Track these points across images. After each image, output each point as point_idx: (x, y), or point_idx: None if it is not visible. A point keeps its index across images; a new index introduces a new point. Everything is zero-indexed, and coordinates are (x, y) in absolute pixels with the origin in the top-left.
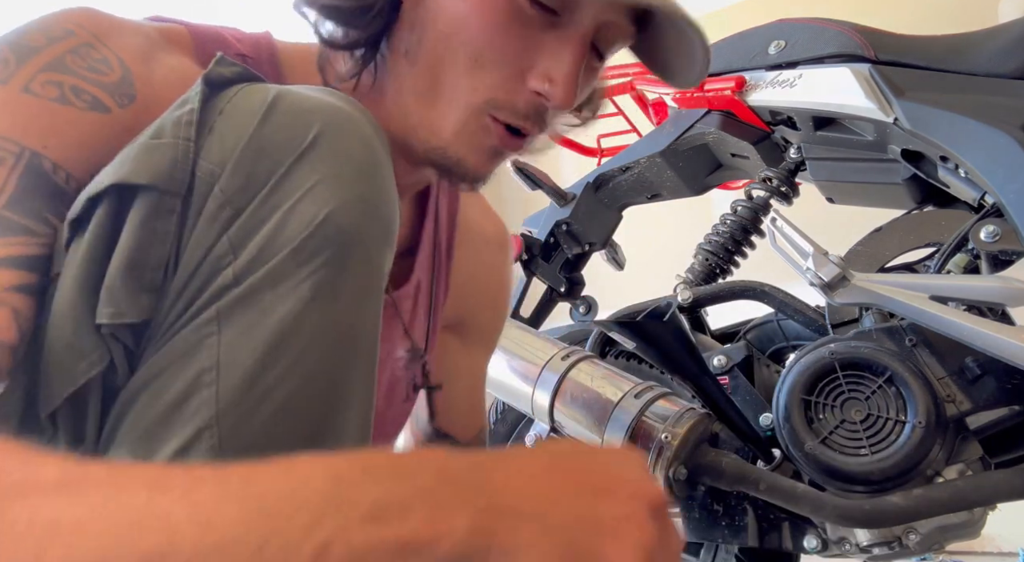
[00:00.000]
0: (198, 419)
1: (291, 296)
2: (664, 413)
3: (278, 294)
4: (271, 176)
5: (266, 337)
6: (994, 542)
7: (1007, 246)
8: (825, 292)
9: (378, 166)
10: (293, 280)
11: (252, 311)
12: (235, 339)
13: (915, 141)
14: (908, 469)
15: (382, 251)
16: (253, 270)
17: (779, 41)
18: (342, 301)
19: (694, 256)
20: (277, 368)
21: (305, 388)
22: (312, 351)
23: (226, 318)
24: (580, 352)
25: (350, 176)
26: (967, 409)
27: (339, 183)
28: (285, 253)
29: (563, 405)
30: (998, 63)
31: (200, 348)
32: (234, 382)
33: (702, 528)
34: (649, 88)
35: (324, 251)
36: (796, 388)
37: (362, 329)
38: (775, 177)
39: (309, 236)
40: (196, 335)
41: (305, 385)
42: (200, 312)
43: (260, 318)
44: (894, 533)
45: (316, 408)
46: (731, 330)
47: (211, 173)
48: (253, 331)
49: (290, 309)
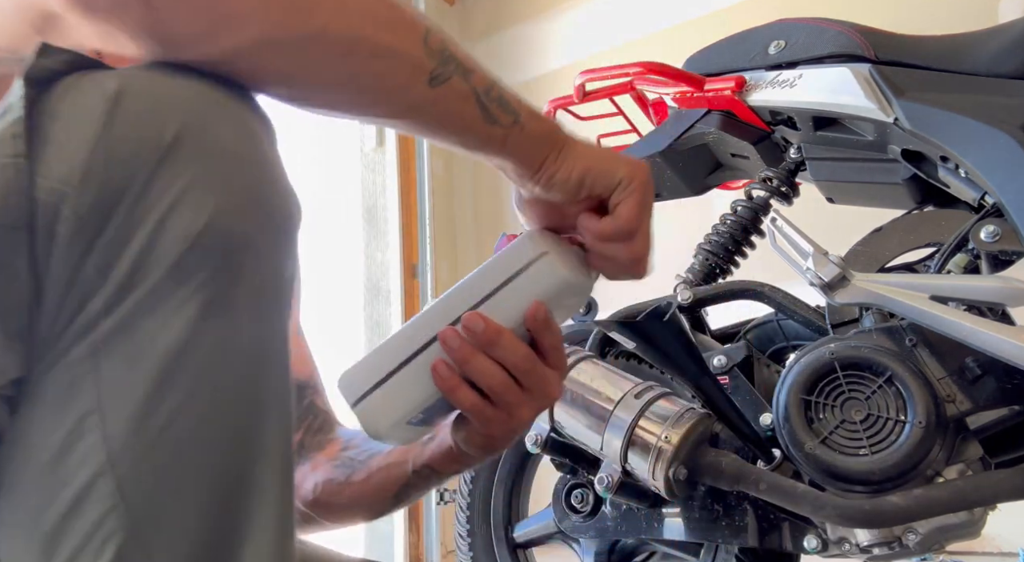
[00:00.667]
0: (88, 468)
1: (176, 319)
2: (664, 413)
3: (160, 319)
4: (130, 186)
5: (152, 368)
6: (994, 542)
7: (1007, 246)
8: (825, 292)
9: (261, 154)
10: (175, 301)
11: (132, 342)
12: (116, 375)
13: (915, 141)
14: (908, 469)
15: (281, 249)
16: (126, 296)
17: (779, 41)
18: (239, 314)
19: (694, 256)
20: (172, 399)
21: (211, 414)
22: (211, 374)
23: (103, 354)
24: (580, 352)
25: (228, 171)
26: (967, 409)
27: (216, 182)
28: (162, 272)
29: (563, 405)
30: (998, 63)
31: (77, 390)
32: (122, 422)
33: (702, 528)
34: (649, 88)
35: (209, 263)
36: (796, 388)
37: (268, 340)
38: (775, 177)
39: (189, 249)
40: (69, 376)
41: (211, 411)
42: (70, 350)
43: (142, 348)
44: (894, 533)
45: (228, 432)
46: (731, 330)
47: (54, 193)
48: (136, 364)
49: (177, 334)
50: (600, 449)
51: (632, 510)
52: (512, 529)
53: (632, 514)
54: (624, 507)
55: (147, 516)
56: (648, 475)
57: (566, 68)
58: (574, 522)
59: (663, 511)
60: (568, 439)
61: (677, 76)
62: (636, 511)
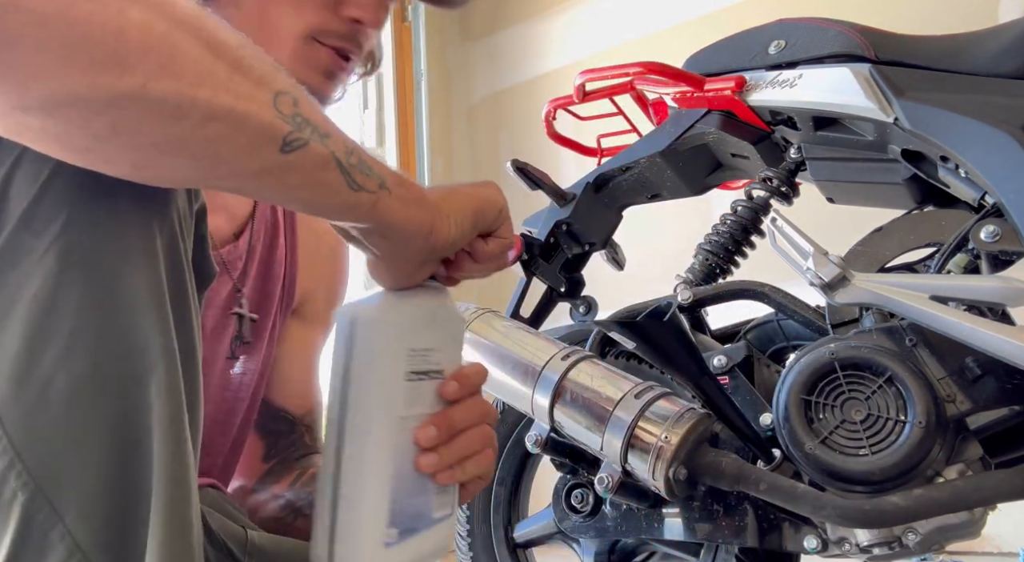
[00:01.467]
0: None
1: (37, 271)
2: (664, 413)
3: (21, 272)
4: None
5: (24, 323)
6: (994, 542)
7: (1007, 246)
8: (825, 292)
9: None
10: (35, 253)
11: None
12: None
13: (915, 141)
14: (908, 469)
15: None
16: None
17: (779, 41)
18: (101, 265)
19: (694, 256)
20: (50, 353)
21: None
22: (84, 327)
23: None
24: (580, 352)
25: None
26: (967, 409)
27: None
28: (14, 224)
29: (563, 405)
30: (998, 63)
31: None
32: (4, 377)
33: (702, 528)
34: (649, 88)
35: (60, 212)
36: (796, 388)
37: (136, 289)
38: (775, 177)
39: (35, 199)
40: None
41: (89, 363)
42: None
43: (11, 303)
44: (894, 533)
45: (113, 383)
46: (731, 330)
47: None
48: (7, 319)
49: (40, 287)
50: (600, 449)
51: (632, 510)
52: (512, 529)
53: (632, 514)
54: (624, 507)
55: (48, 472)
56: (648, 475)
57: (566, 68)
58: (574, 522)
59: (663, 511)
60: (568, 439)
61: (677, 76)
62: (636, 511)
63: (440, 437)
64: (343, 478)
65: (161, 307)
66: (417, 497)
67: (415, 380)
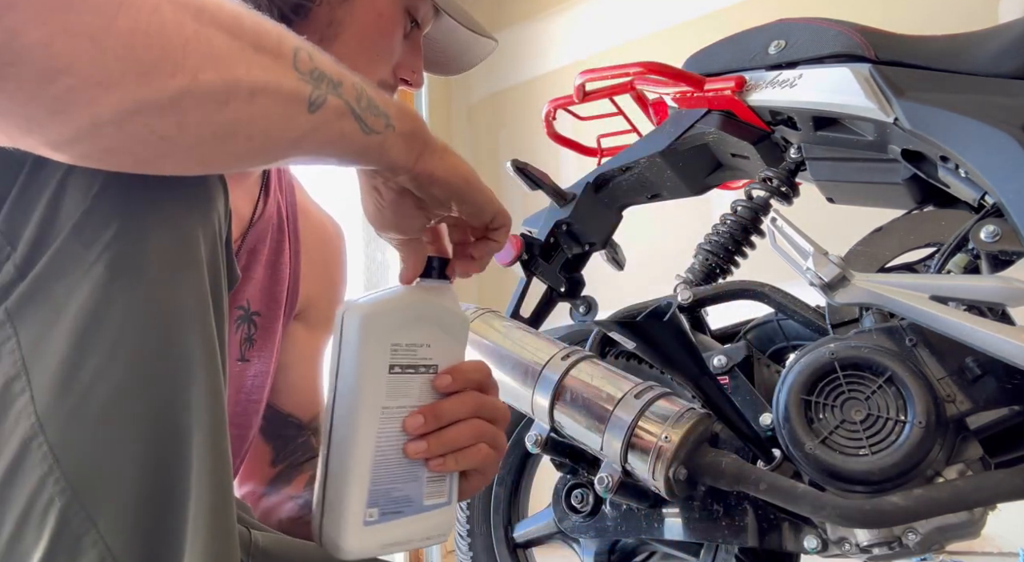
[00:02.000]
0: (20, 431)
1: (85, 282)
2: (664, 413)
3: (70, 282)
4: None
5: (69, 332)
6: (994, 542)
7: (1007, 246)
8: (825, 292)
9: None
10: (84, 263)
11: (46, 306)
12: (36, 339)
13: (915, 141)
14: (908, 469)
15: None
16: (36, 259)
17: (779, 41)
18: (150, 274)
19: (694, 256)
20: (92, 361)
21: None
22: (129, 336)
23: (19, 318)
24: (580, 352)
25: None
26: (967, 409)
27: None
28: (66, 234)
29: (563, 405)
30: (998, 63)
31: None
32: (48, 385)
33: (702, 528)
34: (649, 88)
35: (112, 222)
36: (796, 388)
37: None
38: (775, 177)
39: (88, 210)
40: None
41: (132, 372)
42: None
43: (57, 313)
44: (894, 533)
45: (154, 390)
46: (731, 330)
47: None
48: (53, 328)
49: (88, 297)
50: (600, 449)
51: (632, 510)
52: (512, 529)
53: (632, 514)
54: (624, 507)
55: (85, 478)
56: (648, 475)
57: (566, 68)
58: (574, 522)
59: (663, 511)
60: (568, 439)
61: (677, 76)
62: (636, 511)
63: (427, 426)
64: (330, 460)
65: (205, 317)
66: (405, 483)
67: (399, 373)
